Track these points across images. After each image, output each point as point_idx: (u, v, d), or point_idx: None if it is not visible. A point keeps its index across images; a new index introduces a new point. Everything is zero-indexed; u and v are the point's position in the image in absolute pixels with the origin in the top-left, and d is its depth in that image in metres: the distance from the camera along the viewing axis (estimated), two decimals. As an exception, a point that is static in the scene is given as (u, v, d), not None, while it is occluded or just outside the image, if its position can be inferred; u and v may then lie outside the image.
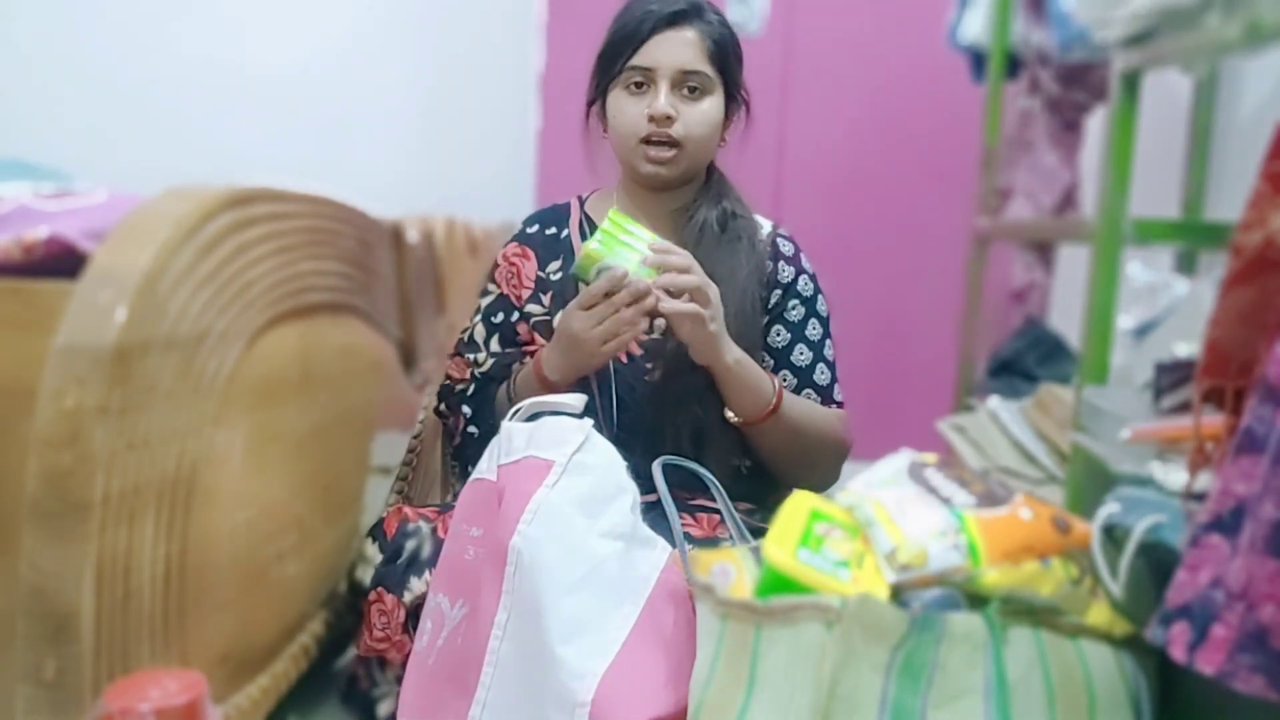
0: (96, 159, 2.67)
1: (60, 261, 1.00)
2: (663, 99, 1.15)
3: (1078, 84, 2.37)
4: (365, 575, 1.09)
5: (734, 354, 1.11)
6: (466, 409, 1.25)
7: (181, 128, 3.13)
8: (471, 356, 1.26)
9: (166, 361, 0.90)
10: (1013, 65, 2.53)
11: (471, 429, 1.25)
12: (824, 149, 3.00)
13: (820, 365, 1.23)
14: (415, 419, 1.69)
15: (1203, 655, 0.68)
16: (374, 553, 1.09)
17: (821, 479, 1.23)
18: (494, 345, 1.25)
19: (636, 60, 1.15)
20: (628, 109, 1.17)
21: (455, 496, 1.29)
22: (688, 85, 1.16)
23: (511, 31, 3.19)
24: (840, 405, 1.25)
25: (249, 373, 1.05)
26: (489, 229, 2.68)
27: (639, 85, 1.16)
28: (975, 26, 2.54)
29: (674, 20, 1.15)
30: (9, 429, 0.90)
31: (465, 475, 1.28)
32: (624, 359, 1.20)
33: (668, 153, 1.17)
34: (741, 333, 1.17)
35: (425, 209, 2.27)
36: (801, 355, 1.23)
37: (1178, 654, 0.70)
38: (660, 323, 1.19)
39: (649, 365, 1.20)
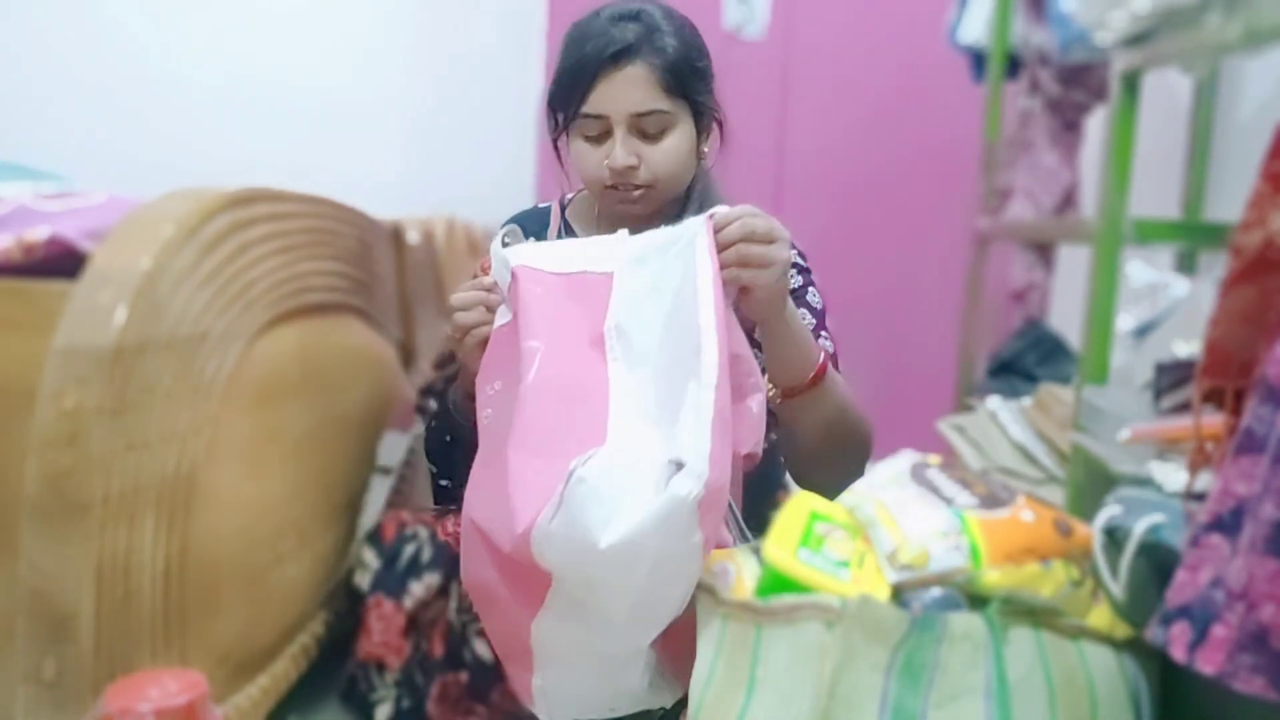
0: (95, 162, 2.67)
1: (60, 261, 1.00)
2: (619, 151, 1.05)
3: (1078, 84, 2.37)
4: (363, 580, 1.09)
5: (790, 306, 1.01)
6: (434, 404, 1.25)
7: (181, 130, 3.13)
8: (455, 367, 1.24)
9: (166, 361, 0.90)
10: (1013, 65, 2.53)
11: (433, 422, 1.21)
12: (824, 149, 3.00)
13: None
14: (415, 419, 1.69)
15: (1203, 655, 0.68)
16: (371, 558, 1.09)
17: (848, 472, 1.11)
18: None
19: (586, 108, 1.05)
20: (588, 157, 1.08)
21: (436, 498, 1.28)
22: (645, 127, 1.06)
23: (513, 34, 3.19)
24: None
25: (249, 373, 1.05)
26: (489, 229, 2.68)
27: (594, 136, 1.07)
28: (975, 26, 2.54)
29: (617, 59, 1.04)
30: (9, 429, 0.90)
31: (433, 475, 1.27)
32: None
33: (636, 194, 1.09)
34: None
35: (426, 210, 2.27)
36: None
37: (1178, 654, 0.70)
38: None
39: None
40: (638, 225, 1.19)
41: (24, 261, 1.02)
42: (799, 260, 1.22)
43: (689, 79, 1.08)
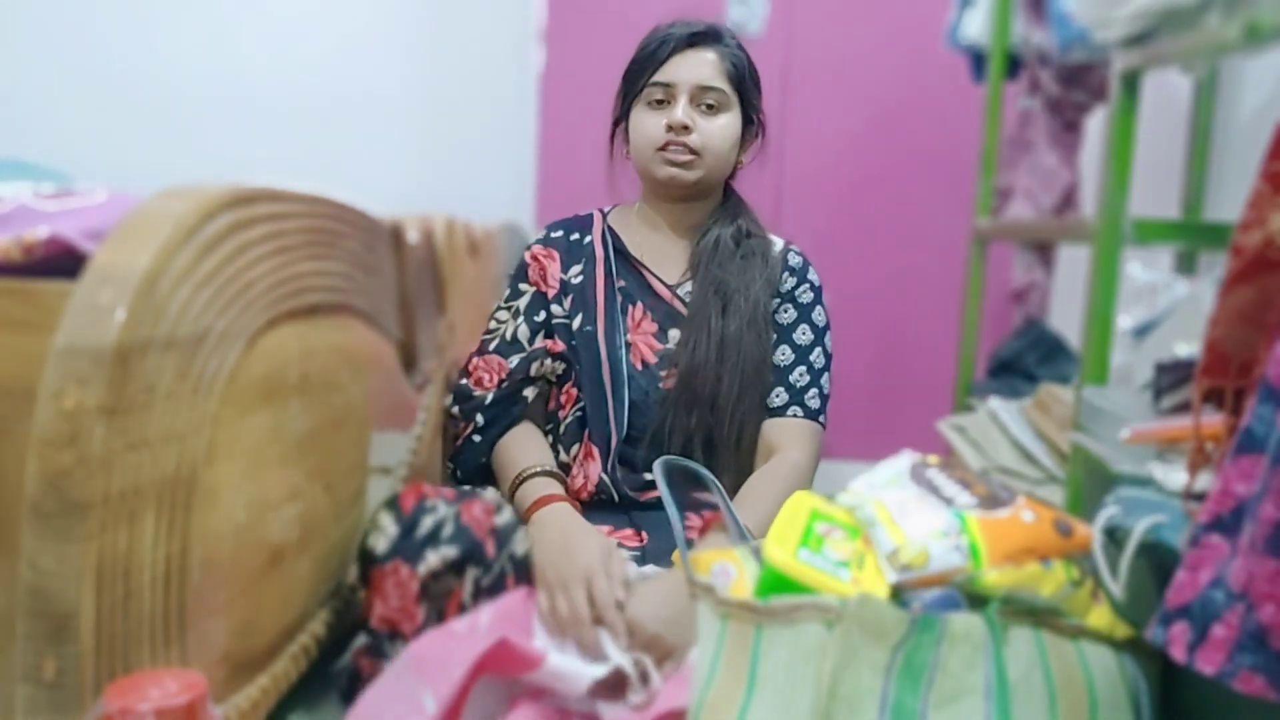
0: (96, 160, 2.67)
1: (60, 261, 1.00)
2: (680, 110, 1.20)
3: (1078, 84, 2.37)
4: (379, 544, 1.08)
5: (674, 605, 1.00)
6: (480, 418, 1.26)
7: (182, 129, 3.13)
8: (517, 358, 1.26)
9: (166, 361, 0.90)
10: (1013, 65, 2.53)
11: (476, 438, 1.27)
12: (824, 149, 3.00)
13: (800, 369, 1.24)
14: (415, 419, 1.68)
15: (1203, 655, 0.68)
16: (390, 523, 1.09)
17: None
18: (538, 343, 1.27)
19: (657, 77, 1.21)
20: (647, 121, 1.22)
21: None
22: (705, 101, 1.21)
23: (512, 33, 3.19)
24: (816, 414, 1.24)
25: (249, 373, 1.05)
26: (489, 229, 2.68)
27: (659, 101, 1.22)
28: (975, 26, 2.54)
29: (693, 41, 1.21)
30: (9, 429, 0.90)
31: (455, 478, 1.29)
32: (639, 366, 1.23)
33: (685, 156, 1.21)
34: (751, 340, 1.20)
35: (425, 209, 2.27)
36: (783, 355, 1.25)
37: (1178, 654, 0.70)
38: (674, 333, 1.22)
39: (663, 373, 1.22)
40: (679, 215, 1.28)
41: (24, 261, 1.02)
42: (812, 278, 1.27)
43: (747, 81, 1.25)
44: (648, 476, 1.21)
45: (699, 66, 1.21)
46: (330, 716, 1.25)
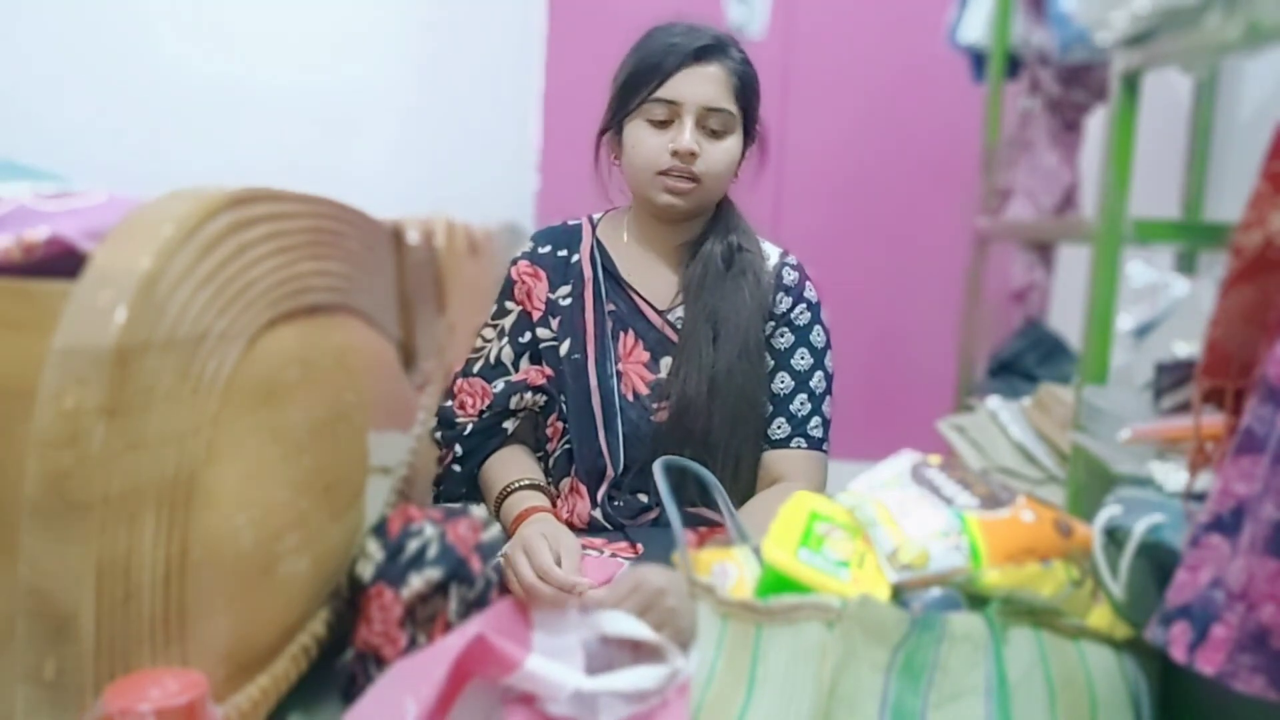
0: (97, 163, 2.67)
1: (60, 261, 1.00)
2: (688, 135, 1.13)
3: (1078, 84, 2.37)
4: (365, 570, 1.09)
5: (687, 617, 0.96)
6: (459, 448, 1.23)
7: (182, 129, 3.13)
8: (502, 382, 1.22)
9: (166, 361, 0.90)
10: (1013, 65, 2.53)
11: (456, 467, 1.24)
12: (824, 149, 3.00)
13: (800, 397, 1.20)
14: (415, 419, 1.68)
15: (1203, 655, 0.68)
16: (376, 549, 1.10)
17: None
18: (523, 364, 1.24)
19: (661, 94, 1.13)
20: (648, 141, 1.15)
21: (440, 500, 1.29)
22: (710, 123, 1.14)
23: (514, 34, 3.19)
24: (819, 444, 1.21)
25: (249, 373, 1.05)
26: (489, 229, 2.68)
27: (661, 120, 1.14)
28: (975, 26, 2.54)
29: (701, 55, 1.13)
30: (9, 429, 0.90)
31: (438, 503, 1.28)
32: (630, 396, 1.20)
33: (686, 185, 1.15)
34: (744, 371, 1.16)
35: (425, 209, 2.27)
36: (782, 384, 1.21)
37: (1178, 654, 0.70)
38: (666, 362, 1.20)
39: (655, 405, 1.19)
40: (670, 233, 1.24)
41: (24, 261, 1.02)
42: (809, 295, 1.23)
43: (750, 94, 1.18)
44: (642, 499, 1.20)
45: (707, 85, 1.13)
46: (330, 716, 1.25)
